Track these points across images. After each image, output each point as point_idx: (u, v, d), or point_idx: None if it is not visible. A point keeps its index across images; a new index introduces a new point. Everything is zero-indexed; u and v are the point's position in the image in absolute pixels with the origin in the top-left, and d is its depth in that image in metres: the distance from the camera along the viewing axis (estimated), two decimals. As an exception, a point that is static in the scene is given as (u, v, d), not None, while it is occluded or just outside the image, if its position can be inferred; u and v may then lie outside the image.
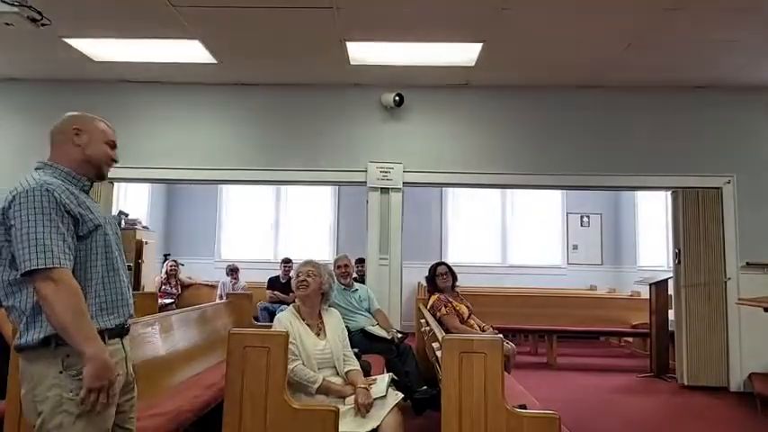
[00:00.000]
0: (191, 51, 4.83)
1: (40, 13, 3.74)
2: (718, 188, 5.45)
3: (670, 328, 5.88)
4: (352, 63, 5.03)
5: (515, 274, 9.08)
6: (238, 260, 8.61)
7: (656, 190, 6.65)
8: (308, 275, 2.98)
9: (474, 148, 5.59)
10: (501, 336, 2.95)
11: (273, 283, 7.83)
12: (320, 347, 2.86)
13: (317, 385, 2.71)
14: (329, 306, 3.11)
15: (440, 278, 4.38)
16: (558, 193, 9.24)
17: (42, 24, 3.83)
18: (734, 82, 5.33)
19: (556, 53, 4.80)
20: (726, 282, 5.36)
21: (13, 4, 3.55)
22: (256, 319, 5.04)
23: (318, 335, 2.91)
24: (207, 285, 8.32)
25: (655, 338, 6.01)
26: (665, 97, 5.53)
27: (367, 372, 3.07)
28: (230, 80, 5.57)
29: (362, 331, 4.47)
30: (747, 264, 5.32)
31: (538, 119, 5.59)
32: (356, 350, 3.14)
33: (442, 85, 5.58)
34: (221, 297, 7.20)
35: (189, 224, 9.48)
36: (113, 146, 1.97)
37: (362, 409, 2.63)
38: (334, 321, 3.04)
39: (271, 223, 9.68)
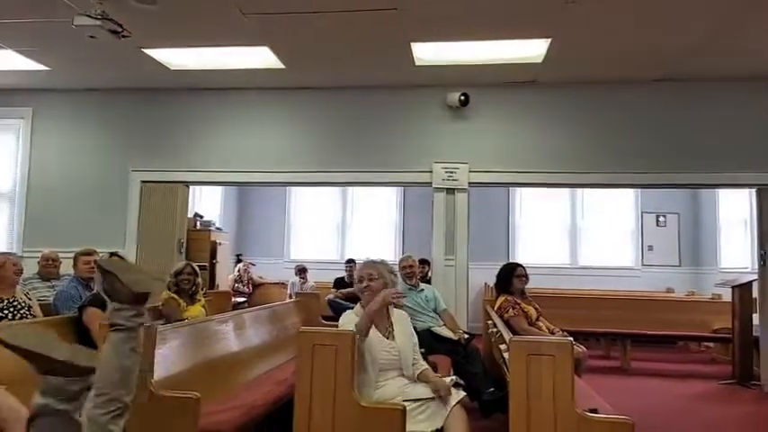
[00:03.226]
0: (260, 57, 5.01)
1: (120, 25, 3.98)
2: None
3: (755, 333, 5.52)
4: (417, 64, 5.05)
5: (586, 276, 8.78)
6: (307, 260, 8.83)
7: (738, 187, 6.25)
8: (370, 279, 2.94)
9: (542, 146, 5.47)
10: (570, 338, 2.88)
11: (339, 283, 7.98)
12: (388, 348, 2.84)
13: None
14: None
15: (518, 279, 4.30)
16: (631, 192, 8.87)
17: (123, 36, 4.07)
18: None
19: (627, 46, 4.61)
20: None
21: (96, 18, 3.80)
22: (324, 318, 5.15)
23: (387, 337, 2.89)
24: (277, 285, 8.58)
25: (738, 343, 5.66)
26: (746, 88, 5.17)
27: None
28: (297, 84, 5.73)
29: (429, 331, 4.48)
30: None
31: (609, 115, 5.39)
32: (422, 350, 3.13)
33: (508, 83, 5.49)
34: (291, 296, 7.41)
35: (260, 225, 9.83)
36: None
37: (443, 392, 2.66)
38: (403, 323, 3.01)
39: (337, 224, 9.86)
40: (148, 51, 4.94)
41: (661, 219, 8.98)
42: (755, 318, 5.52)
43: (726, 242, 8.13)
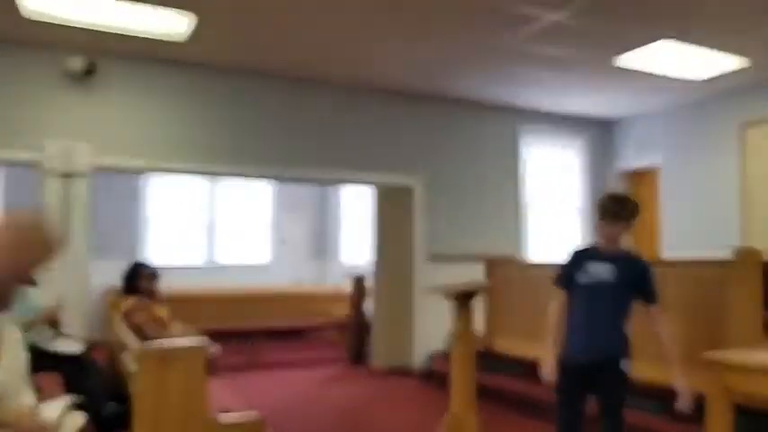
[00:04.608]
0: None
1: None
2: (411, 187, 6.08)
3: (367, 318, 6.41)
4: (24, 15, 4.05)
5: (223, 273, 8.73)
6: None
7: (360, 184, 7.10)
8: None
9: (179, 131, 5.09)
10: (205, 339, 2.69)
11: None
12: None
13: None
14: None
15: (147, 279, 3.93)
16: (269, 188, 9.24)
17: None
18: (432, 92, 6.01)
19: (267, 39, 4.64)
20: (413, 272, 6.03)
21: None
22: None
23: None
24: None
25: (354, 328, 6.48)
26: (373, 99, 5.90)
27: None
28: None
29: (33, 347, 3.60)
30: (432, 256, 6.08)
31: (249, 108, 5.38)
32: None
33: (146, 58, 4.94)
34: None
35: None
36: None
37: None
38: (13, 349, 2.20)
39: None
40: None
41: (294, 215, 9.64)
42: (368, 305, 6.42)
43: (348, 237, 9.29)
